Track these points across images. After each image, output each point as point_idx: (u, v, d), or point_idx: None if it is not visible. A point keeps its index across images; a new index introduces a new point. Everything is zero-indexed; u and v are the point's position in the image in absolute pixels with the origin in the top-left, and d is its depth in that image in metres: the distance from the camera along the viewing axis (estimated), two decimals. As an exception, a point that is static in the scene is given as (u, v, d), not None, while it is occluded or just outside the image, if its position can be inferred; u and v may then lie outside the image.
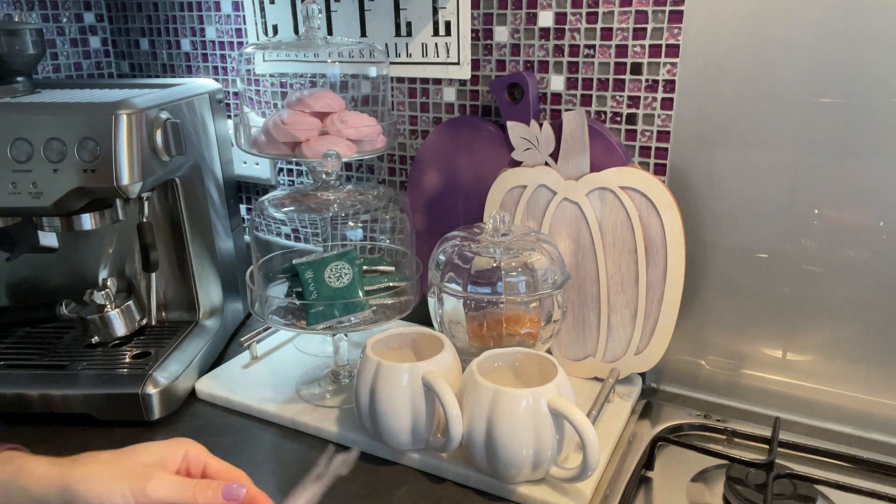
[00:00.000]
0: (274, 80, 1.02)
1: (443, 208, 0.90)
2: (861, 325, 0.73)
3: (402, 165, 0.97)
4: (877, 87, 0.66)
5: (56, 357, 0.83)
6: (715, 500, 0.65)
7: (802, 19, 0.67)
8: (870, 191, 0.69)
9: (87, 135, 0.71)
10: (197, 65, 1.10)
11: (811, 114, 0.69)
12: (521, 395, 0.61)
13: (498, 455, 0.62)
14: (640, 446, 0.72)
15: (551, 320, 0.76)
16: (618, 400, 0.78)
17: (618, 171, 0.75)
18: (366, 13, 0.91)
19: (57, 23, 1.09)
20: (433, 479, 0.68)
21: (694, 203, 0.77)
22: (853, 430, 0.75)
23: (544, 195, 0.80)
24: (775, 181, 0.73)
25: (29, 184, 0.71)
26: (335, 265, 0.75)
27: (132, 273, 0.94)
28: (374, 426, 0.68)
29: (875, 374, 0.73)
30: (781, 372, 0.78)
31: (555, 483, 0.64)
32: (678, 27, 0.73)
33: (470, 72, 0.87)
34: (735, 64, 0.71)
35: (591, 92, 0.80)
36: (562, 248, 0.79)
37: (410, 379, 0.65)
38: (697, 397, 0.82)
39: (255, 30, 1.01)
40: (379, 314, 0.78)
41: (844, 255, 0.71)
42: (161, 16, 1.09)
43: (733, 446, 0.73)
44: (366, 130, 0.80)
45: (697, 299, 0.80)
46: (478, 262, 0.73)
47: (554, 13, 0.79)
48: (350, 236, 0.83)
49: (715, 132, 0.74)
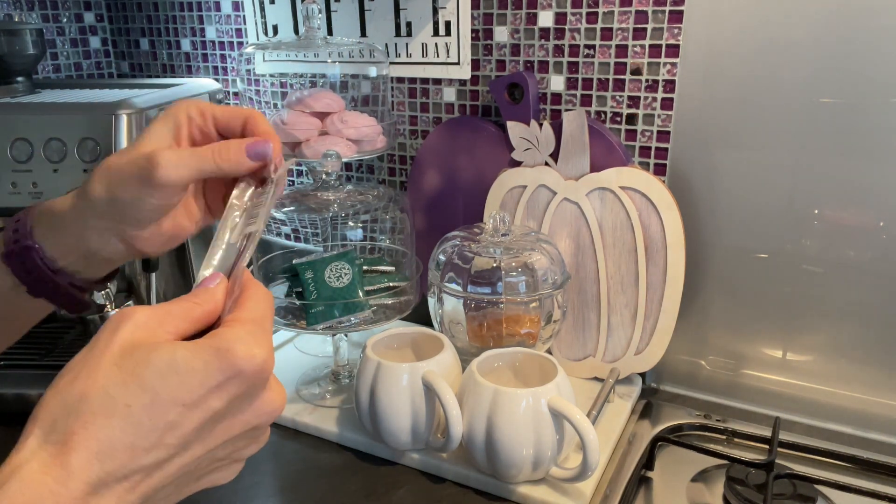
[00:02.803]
0: (274, 80, 1.02)
1: (443, 208, 0.90)
2: (861, 325, 0.73)
3: (402, 165, 0.97)
4: (877, 87, 0.66)
5: (56, 357, 0.83)
6: (715, 500, 0.65)
7: (802, 19, 0.67)
8: (870, 191, 0.69)
9: (87, 135, 0.71)
10: (197, 65, 1.10)
11: (811, 114, 0.69)
12: (521, 395, 0.61)
13: (498, 455, 0.62)
14: (640, 446, 0.72)
15: (551, 320, 0.76)
16: (618, 400, 0.78)
17: (618, 171, 0.75)
18: (366, 13, 0.91)
19: (57, 23, 1.09)
20: (433, 479, 0.68)
21: (694, 203, 0.77)
22: (853, 430, 0.75)
23: (544, 195, 0.80)
24: (775, 181, 0.73)
25: (29, 184, 0.71)
26: (335, 265, 0.75)
27: (132, 273, 0.94)
28: (374, 426, 0.68)
29: (875, 374, 0.73)
30: (781, 372, 0.78)
31: (555, 483, 0.64)
32: (678, 27, 0.73)
33: (470, 72, 0.87)
34: (735, 64, 0.71)
35: (591, 92, 0.80)
36: (562, 248, 0.79)
37: (410, 379, 0.65)
38: (697, 397, 0.82)
39: (255, 30, 1.01)
40: (379, 314, 0.78)
41: (844, 255, 0.71)
42: (161, 16, 1.09)
43: (733, 446, 0.73)
44: (366, 130, 0.80)
45: (697, 299, 0.80)
46: (478, 262, 0.73)
47: (554, 13, 0.79)
48: (350, 236, 0.83)
49: (715, 132, 0.74)
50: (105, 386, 0.30)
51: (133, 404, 0.30)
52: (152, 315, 0.33)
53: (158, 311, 0.33)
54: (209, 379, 0.31)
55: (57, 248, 0.46)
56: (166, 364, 0.31)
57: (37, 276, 0.46)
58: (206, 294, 0.35)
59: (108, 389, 0.30)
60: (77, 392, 0.30)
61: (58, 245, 0.46)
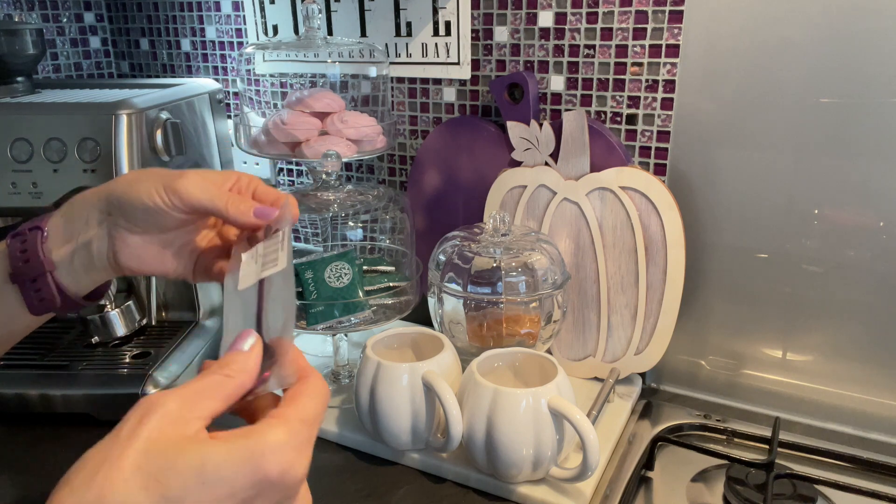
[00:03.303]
0: (274, 80, 1.02)
1: (443, 208, 0.90)
2: (861, 325, 0.73)
3: (402, 165, 0.97)
4: (877, 87, 0.66)
5: (56, 357, 0.83)
6: (715, 500, 0.65)
7: (802, 19, 0.67)
8: (870, 191, 0.69)
9: (87, 135, 0.71)
10: (197, 65, 1.10)
11: (811, 114, 0.69)
12: (521, 395, 0.61)
13: (498, 455, 0.62)
14: (640, 446, 0.72)
15: (551, 320, 0.76)
16: (618, 400, 0.78)
17: (618, 171, 0.75)
18: (366, 13, 0.91)
19: (57, 23, 1.09)
20: (433, 479, 0.68)
21: (694, 203, 0.77)
22: (853, 430, 0.75)
23: (544, 195, 0.80)
24: (775, 181, 0.73)
25: (29, 184, 0.71)
26: (335, 265, 0.75)
27: (132, 273, 0.94)
28: (374, 426, 0.68)
29: (875, 374, 0.73)
30: (781, 372, 0.78)
31: (555, 483, 0.64)
32: (678, 27, 0.73)
33: (470, 72, 0.87)
34: (735, 64, 0.71)
35: (591, 92, 0.80)
36: (562, 248, 0.79)
37: (410, 379, 0.65)
38: (697, 397, 0.82)
39: (255, 30, 1.01)
40: (379, 314, 0.78)
41: (844, 255, 0.71)
42: (161, 16, 1.09)
43: (733, 446, 0.73)
44: (366, 130, 0.80)
45: (697, 299, 0.80)
46: (478, 262, 0.73)
47: (554, 13, 0.79)
48: (350, 236, 0.83)
49: (715, 132, 0.74)
50: (125, 492, 0.28)
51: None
52: (183, 402, 0.31)
53: (188, 393, 0.31)
54: (239, 490, 0.29)
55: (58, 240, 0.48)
56: (195, 472, 0.28)
57: (47, 299, 0.47)
58: (237, 364, 0.33)
59: (129, 496, 0.27)
60: (93, 496, 0.27)
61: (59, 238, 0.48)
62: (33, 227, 0.47)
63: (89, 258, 0.48)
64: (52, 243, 0.47)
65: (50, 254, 0.47)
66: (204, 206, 0.45)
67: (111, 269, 0.49)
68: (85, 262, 0.48)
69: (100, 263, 0.48)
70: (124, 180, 0.47)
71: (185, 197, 0.44)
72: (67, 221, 0.48)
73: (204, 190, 0.45)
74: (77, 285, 0.49)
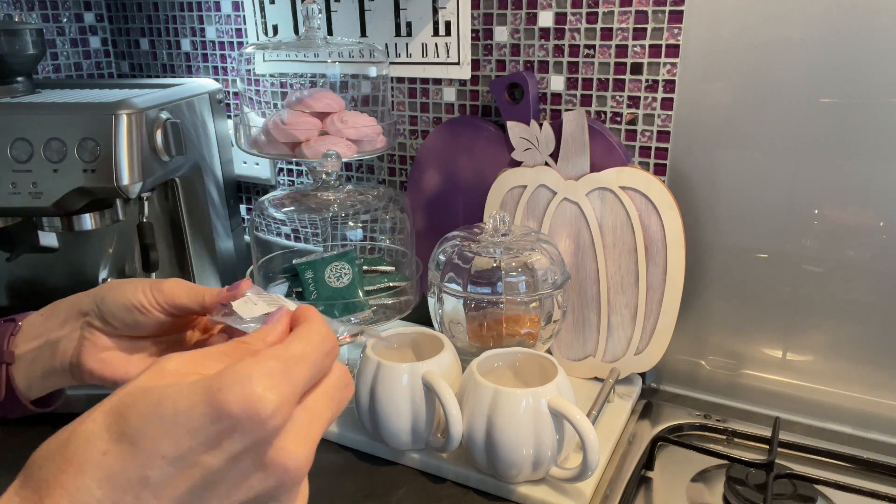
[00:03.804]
0: (274, 80, 1.02)
1: (443, 208, 0.90)
2: (861, 325, 0.73)
3: (402, 165, 0.97)
4: (877, 87, 0.66)
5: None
6: (715, 500, 0.65)
7: (802, 19, 0.67)
8: (870, 191, 0.69)
9: (87, 135, 0.71)
10: (197, 65, 1.10)
11: (811, 114, 0.69)
12: (521, 395, 0.61)
13: (498, 455, 0.62)
14: (640, 446, 0.72)
15: (551, 320, 0.76)
16: (618, 400, 0.78)
17: (618, 171, 0.75)
18: (366, 13, 0.91)
19: (57, 23, 1.09)
20: (433, 479, 0.68)
21: (694, 203, 0.77)
22: (853, 430, 0.75)
23: (544, 195, 0.80)
24: (775, 181, 0.73)
25: (29, 184, 0.71)
26: (335, 265, 0.75)
27: (132, 273, 0.94)
28: (374, 426, 0.68)
29: (875, 374, 0.73)
30: (781, 372, 0.78)
31: (555, 483, 0.64)
32: (678, 27, 0.73)
33: (470, 72, 0.87)
34: (735, 64, 0.71)
35: (591, 92, 0.80)
36: (562, 248, 0.79)
37: (410, 379, 0.65)
38: (697, 397, 0.82)
39: (255, 30, 1.01)
40: (379, 314, 0.78)
41: (844, 255, 0.71)
42: (161, 16, 1.09)
43: (733, 446, 0.73)
44: (366, 130, 0.80)
45: (697, 299, 0.80)
46: (478, 262, 0.73)
47: (554, 13, 0.79)
48: (350, 236, 0.83)
49: (715, 132, 0.74)
50: (91, 430, 0.26)
51: (109, 451, 0.26)
52: (182, 361, 0.29)
53: (195, 355, 0.30)
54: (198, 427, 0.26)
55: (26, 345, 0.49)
56: (153, 407, 0.26)
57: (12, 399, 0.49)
58: (259, 333, 0.33)
59: (91, 433, 0.26)
60: (65, 434, 0.27)
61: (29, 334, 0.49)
62: (8, 320, 0.49)
63: (52, 357, 0.49)
64: (21, 338, 0.49)
65: (15, 347, 0.49)
66: (184, 302, 0.47)
67: (69, 374, 0.49)
68: (46, 361, 0.49)
69: (61, 365, 0.49)
70: (111, 282, 0.49)
71: (168, 294, 0.47)
72: (46, 320, 0.50)
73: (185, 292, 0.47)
74: (28, 387, 0.50)
